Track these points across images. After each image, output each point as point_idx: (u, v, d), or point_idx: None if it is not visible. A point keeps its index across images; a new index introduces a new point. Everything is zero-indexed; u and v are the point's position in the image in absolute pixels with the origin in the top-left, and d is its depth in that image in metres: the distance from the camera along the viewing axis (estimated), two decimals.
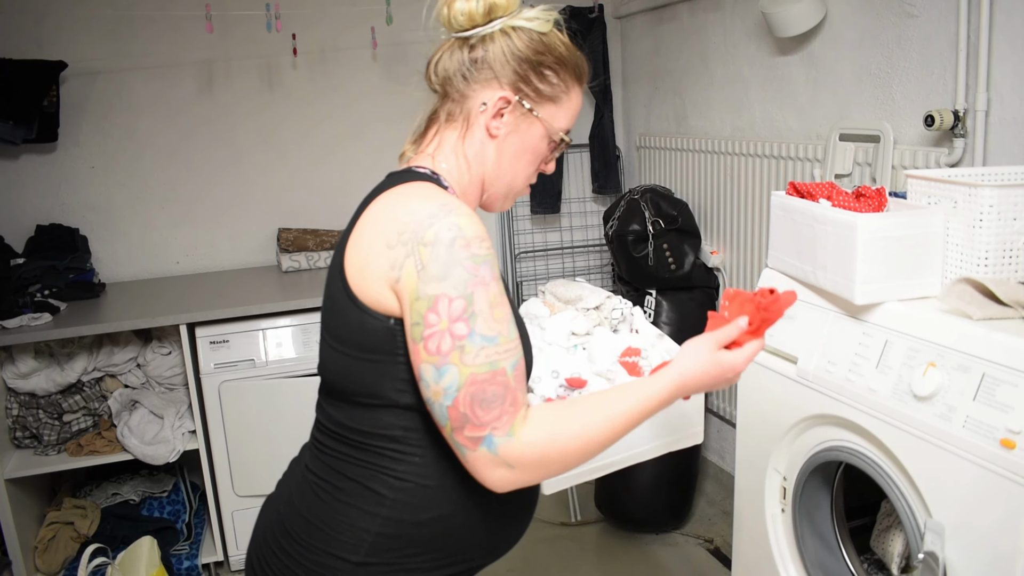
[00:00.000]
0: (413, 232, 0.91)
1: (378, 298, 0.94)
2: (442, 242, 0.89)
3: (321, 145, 3.04)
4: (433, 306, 0.88)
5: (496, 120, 1.04)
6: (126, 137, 2.84)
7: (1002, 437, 1.13)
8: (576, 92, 1.08)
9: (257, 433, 2.45)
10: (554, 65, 1.04)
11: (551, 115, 1.06)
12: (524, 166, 1.08)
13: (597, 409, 0.93)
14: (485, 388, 0.88)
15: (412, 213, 0.93)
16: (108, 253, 2.88)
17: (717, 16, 2.65)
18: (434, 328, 0.88)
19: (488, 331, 0.89)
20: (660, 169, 3.06)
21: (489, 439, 0.88)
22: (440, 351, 0.88)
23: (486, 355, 0.88)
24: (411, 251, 0.90)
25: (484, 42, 1.03)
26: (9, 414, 2.43)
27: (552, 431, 0.90)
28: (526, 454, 0.89)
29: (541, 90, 1.04)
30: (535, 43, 1.03)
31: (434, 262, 0.89)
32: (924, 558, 1.24)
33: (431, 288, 0.89)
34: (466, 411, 0.88)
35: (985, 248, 1.32)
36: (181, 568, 2.48)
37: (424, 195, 0.96)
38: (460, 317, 0.88)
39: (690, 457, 2.66)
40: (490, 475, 0.90)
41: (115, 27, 2.76)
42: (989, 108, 1.74)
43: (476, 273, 0.89)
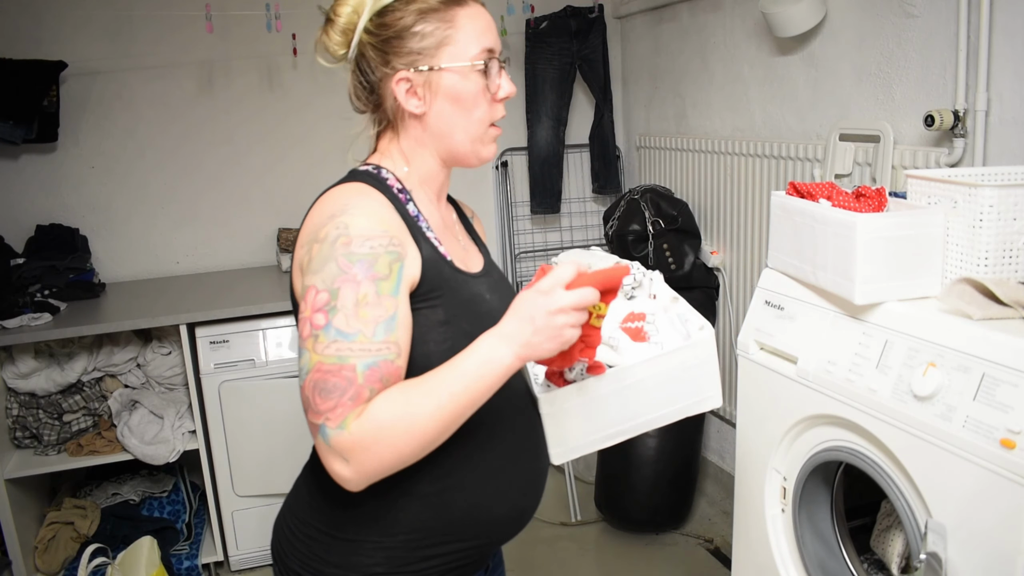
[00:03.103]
0: (313, 232, 0.97)
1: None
2: (327, 239, 0.94)
3: (321, 145, 3.04)
4: (305, 296, 0.93)
5: (412, 99, 1.05)
6: (126, 137, 2.84)
7: (1002, 437, 1.13)
8: (464, 15, 1.04)
9: (257, 433, 2.45)
10: (419, 16, 1.02)
11: (453, 56, 1.03)
12: (468, 112, 1.05)
13: (428, 389, 0.90)
14: (327, 378, 0.89)
15: (320, 214, 0.98)
16: (108, 253, 2.88)
17: (717, 16, 2.65)
18: (302, 315, 0.93)
19: (346, 327, 0.90)
20: (660, 169, 3.06)
21: (323, 428, 0.89)
22: (302, 336, 0.93)
23: (336, 348, 0.90)
24: (308, 249, 0.96)
25: (360, 53, 1.07)
26: (9, 414, 2.43)
27: (380, 420, 0.88)
28: (356, 445, 0.88)
29: (425, 46, 1.03)
30: (384, 18, 1.03)
31: (316, 257, 0.94)
32: (927, 559, 1.24)
33: (307, 279, 0.94)
34: (309, 395, 0.90)
35: (985, 248, 1.32)
36: (181, 568, 2.48)
37: (337, 195, 1.00)
38: (321, 308, 0.91)
39: (690, 457, 2.66)
40: (331, 466, 0.90)
41: (115, 27, 2.76)
42: (989, 108, 1.74)
43: (347, 270, 0.92)
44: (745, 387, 1.73)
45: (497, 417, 1.07)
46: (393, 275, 0.95)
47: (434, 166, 1.10)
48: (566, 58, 3.15)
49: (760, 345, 1.68)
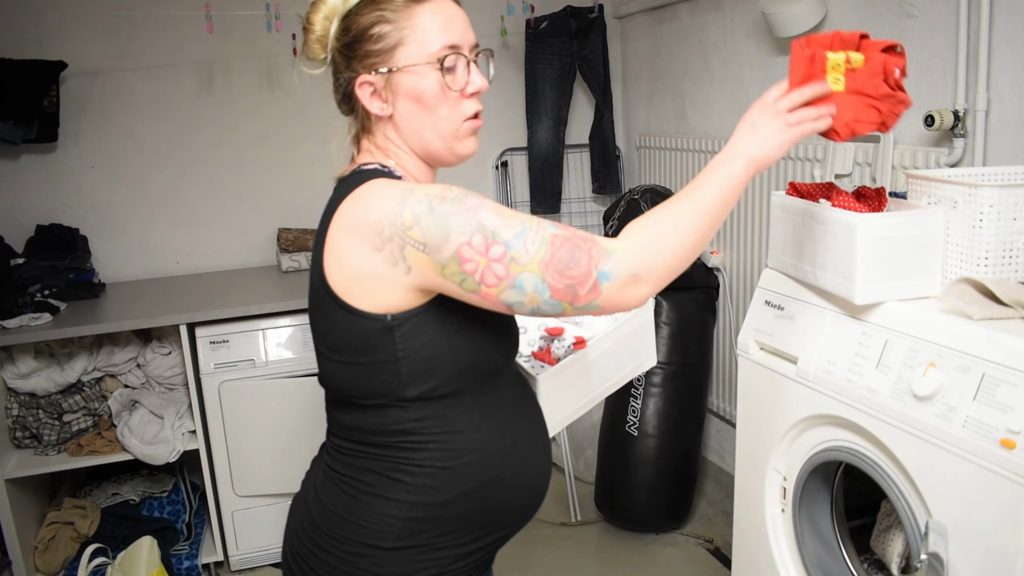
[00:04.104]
0: (392, 225, 0.92)
1: (376, 299, 0.95)
2: (421, 214, 0.91)
3: (321, 145, 3.01)
4: (460, 259, 0.90)
5: (376, 102, 1.04)
6: (126, 137, 2.84)
7: (1002, 437, 1.13)
8: (423, 12, 1.02)
9: (257, 433, 2.45)
10: (374, 19, 1.01)
11: (411, 55, 1.01)
12: (432, 111, 1.04)
13: (674, 197, 0.97)
14: (557, 256, 0.90)
15: (382, 209, 0.94)
16: (108, 253, 2.88)
17: (717, 16, 2.65)
18: (479, 269, 0.90)
19: (515, 229, 0.91)
20: (660, 169, 3.06)
21: (601, 274, 0.91)
22: (502, 277, 0.90)
23: (531, 241, 0.90)
24: (403, 241, 0.92)
25: (333, 60, 1.07)
26: (9, 414, 2.43)
27: (641, 225, 0.94)
28: (638, 255, 0.92)
29: (382, 48, 1.02)
30: (347, 20, 1.03)
31: (428, 232, 0.91)
32: (928, 559, 1.24)
33: (446, 249, 0.90)
34: (565, 284, 0.90)
35: (985, 248, 1.32)
36: (181, 568, 2.48)
37: (383, 188, 0.97)
38: (486, 246, 0.90)
39: (690, 457, 2.66)
40: (631, 296, 0.92)
41: (115, 27, 2.76)
42: (989, 108, 1.74)
43: (466, 207, 0.91)
44: (745, 387, 1.73)
45: (518, 404, 1.11)
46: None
47: (419, 165, 1.10)
48: (566, 58, 3.15)
49: (760, 345, 1.69)
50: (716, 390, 2.86)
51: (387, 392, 0.99)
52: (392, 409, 1.01)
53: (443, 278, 0.92)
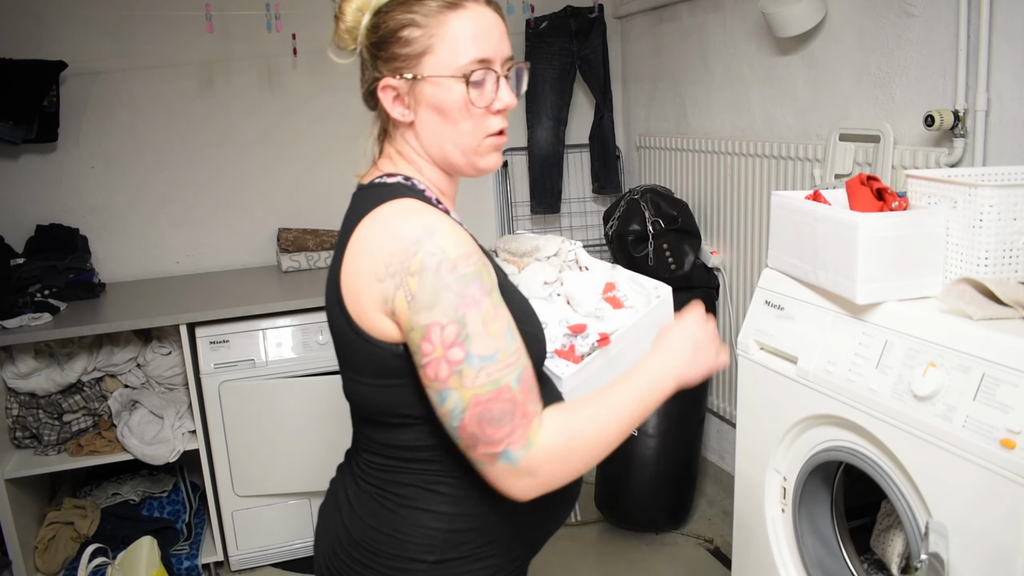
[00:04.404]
0: (400, 263, 0.89)
1: (381, 329, 0.93)
2: (428, 269, 0.88)
3: (321, 145, 3.04)
4: (426, 335, 0.87)
5: (398, 107, 1.00)
6: (126, 137, 2.84)
7: (1002, 437, 1.13)
8: (456, 20, 0.96)
9: (257, 433, 2.45)
10: (405, 20, 0.96)
11: (437, 65, 0.96)
12: (454, 124, 0.99)
13: (606, 403, 0.95)
14: (491, 407, 0.87)
15: (396, 241, 0.90)
16: (108, 253, 2.88)
17: (717, 16, 2.65)
18: (430, 356, 0.88)
19: (485, 350, 0.87)
20: (660, 169, 3.06)
21: (507, 453, 0.88)
22: (439, 377, 0.88)
23: (487, 375, 0.87)
24: (400, 283, 0.89)
25: (361, 53, 1.03)
26: (9, 414, 2.43)
27: (569, 432, 0.91)
28: (548, 459, 0.89)
29: (409, 53, 0.97)
30: (380, 17, 0.98)
31: (422, 291, 0.88)
32: (928, 559, 1.24)
33: (422, 318, 0.88)
34: (475, 431, 0.88)
35: (985, 248, 1.32)
36: (181, 568, 2.48)
37: (404, 216, 0.93)
38: (454, 342, 0.87)
39: (690, 457, 2.66)
40: (513, 486, 0.90)
41: (115, 27, 2.76)
42: (989, 108, 1.74)
43: (465, 294, 0.88)
44: (745, 387, 1.74)
45: (549, 386, 1.10)
46: (494, 283, 0.93)
47: (439, 175, 1.05)
48: (566, 58, 3.15)
49: (760, 345, 1.69)
50: (716, 390, 2.86)
51: (414, 413, 0.97)
52: (422, 427, 0.98)
53: (407, 336, 0.91)
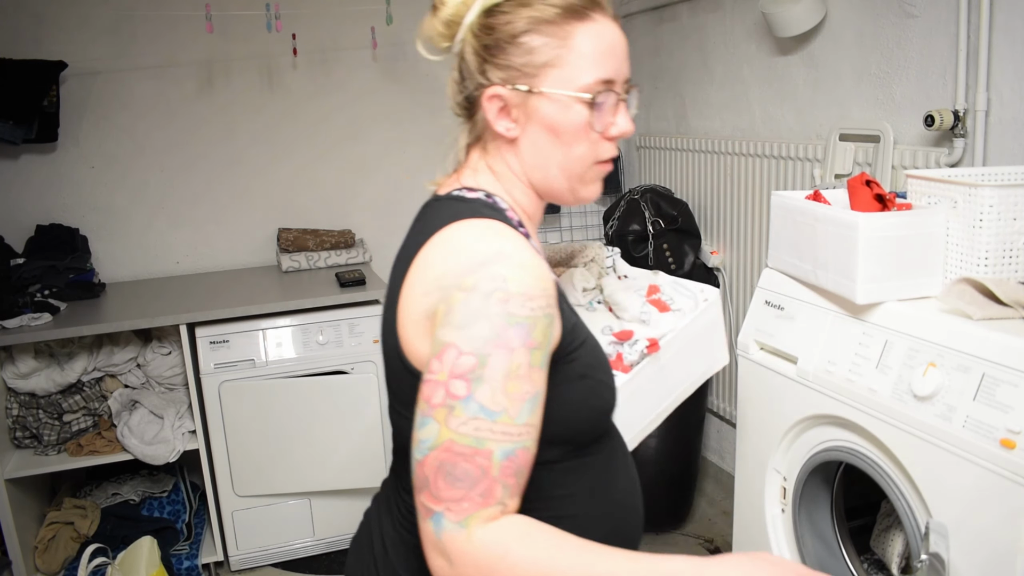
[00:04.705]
0: (455, 276, 0.79)
1: (423, 358, 0.82)
2: (479, 291, 0.77)
3: (321, 145, 3.04)
4: (440, 353, 0.77)
5: (504, 120, 0.90)
6: (126, 137, 2.84)
7: (1002, 437, 1.13)
8: (585, 32, 0.87)
9: (257, 433, 2.45)
10: (529, 26, 0.87)
11: (559, 80, 0.87)
12: (568, 148, 0.90)
13: (563, 550, 0.75)
14: (457, 461, 0.74)
15: (458, 257, 0.81)
16: (108, 253, 2.88)
17: (717, 16, 2.65)
18: (433, 376, 0.77)
19: (491, 404, 0.75)
20: (660, 169, 3.06)
21: (438, 518, 0.75)
22: (429, 401, 0.76)
23: (475, 428, 0.75)
24: (445, 296, 0.79)
25: (462, 51, 0.92)
26: (9, 414, 2.43)
27: (507, 546, 0.74)
28: (469, 555, 0.74)
29: (528, 63, 0.87)
30: (500, 18, 0.87)
31: (460, 309, 0.77)
32: (929, 560, 1.24)
33: (445, 334, 0.77)
34: (430, 475, 0.75)
35: (985, 248, 1.32)
36: (181, 568, 2.48)
37: (479, 237, 0.83)
38: (463, 375, 0.75)
39: (690, 457, 2.66)
40: (429, 555, 0.77)
41: (115, 27, 2.76)
42: (989, 108, 1.74)
43: (502, 334, 0.76)
44: (745, 387, 1.74)
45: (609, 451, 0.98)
46: (545, 343, 0.80)
47: (530, 197, 0.95)
48: None
49: (760, 345, 1.69)
50: (716, 390, 2.86)
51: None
52: None
53: (430, 349, 0.80)
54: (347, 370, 2.52)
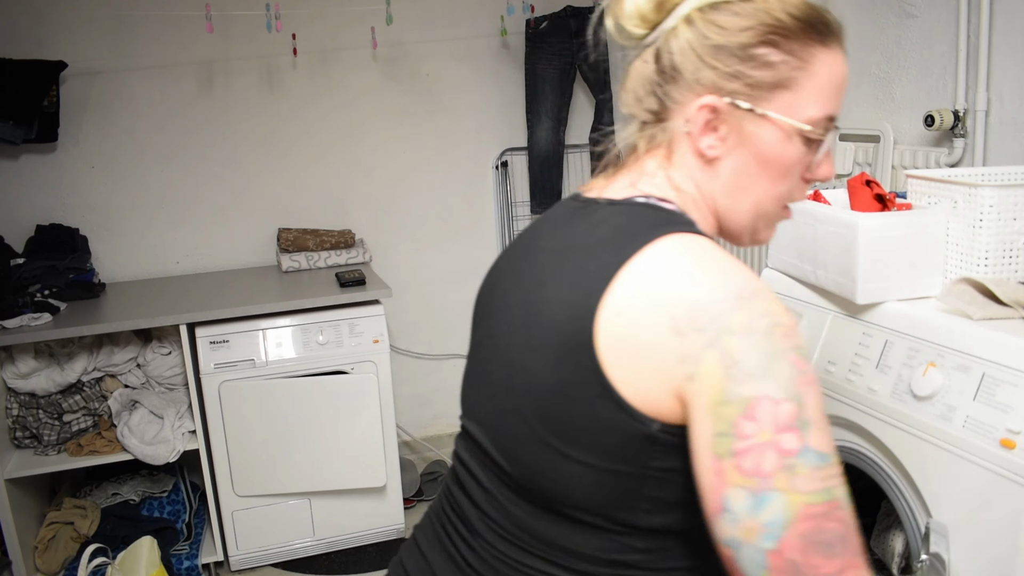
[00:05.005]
0: (715, 316, 0.67)
1: (645, 395, 0.69)
2: (757, 330, 0.66)
3: (321, 145, 3.04)
4: (750, 411, 0.64)
5: (709, 136, 0.78)
6: (126, 137, 2.84)
7: (1002, 437, 1.13)
8: (824, 59, 0.77)
9: (257, 433, 2.45)
10: (769, 36, 0.75)
11: (788, 105, 0.76)
12: (769, 184, 0.80)
13: None
14: (823, 525, 0.63)
15: (706, 289, 0.68)
16: (108, 253, 2.88)
17: None
18: (751, 440, 0.64)
19: (821, 446, 0.65)
20: None
21: None
22: (760, 471, 0.63)
23: (821, 478, 0.64)
24: (713, 340, 0.66)
25: (667, 42, 0.78)
26: (9, 414, 2.43)
27: None
28: None
29: (758, 79, 0.76)
30: (732, 17, 0.76)
31: (749, 355, 0.65)
32: (929, 560, 1.24)
33: (747, 388, 0.65)
34: (797, 558, 0.62)
35: (985, 248, 1.32)
36: (181, 568, 2.48)
37: (712, 260, 0.71)
38: (789, 426, 0.64)
39: None
40: None
41: (115, 27, 2.76)
42: (989, 108, 1.74)
43: (803, 370, 0.66)
44: None
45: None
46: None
47: (710, 225, 0.83)
48: (566, 58, 3.15)
49: None
50: None
51: (619, 515, 0.74)
52: (615, 535, 0.75)
53: (710, 411, 0.66)
54: (347, 370, 2.52)
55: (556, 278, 0.77)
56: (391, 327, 3.16)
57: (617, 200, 0.80)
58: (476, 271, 3.33)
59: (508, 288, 0.85)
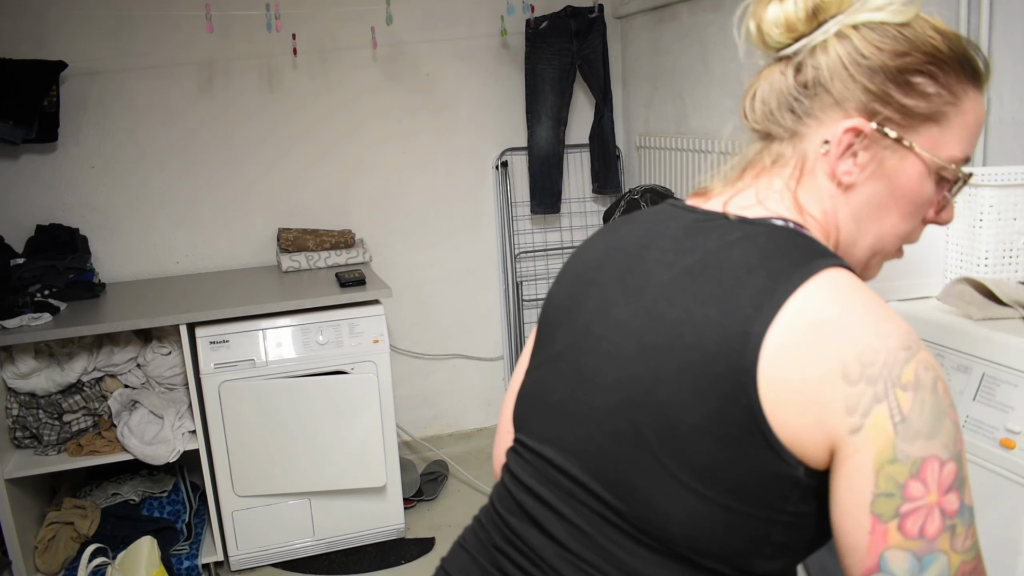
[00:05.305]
0: (886, 366, 0.64)
1: (800, 439, 0.66)
2: (924, 386, 0.64)
3: (321, 145, 3.04)
4: (919, 472, 0.63)
5: (847, 161, 0.74)
6: (126, 137, 2.84)
7: (1002, 437, 1.13)
8: (973, 98, 0.74)
9: (257, 433, 2.45)
10: (927, 66, 0.72)
11: (933, 141, 0.74)
12: (897, 220, 0.76)
13: None
14: None
15: (879, 337, 0.65)
16: (108, 253, 2.88)
17: (717, 16, 2.65)
18: (918, 502, 0.62)
19: (971, 501, 0.65)
20: (660, 169, 3.06)
21: None
22: (925, 534, 0.62)
23: (973, 535, 0.64)
24: (883, 393, 0.63)
25: (813, 56, 0.75)
26: (9, 414, 2.43)
27: None
28: None
29: (911, 107, 0.72)
30: (891, 40, 0.72)
31: (920, 412, 0.64)
32: None
33: (917, 448, 0.63)
34: None
35: (985, 248, 1.32)
36: (181, 568, 2.48)
37: (879, 304, 0.68)
38: (952, 486, 0.63)
39: None
40: None
41: (115, 27, 2.76)
42: (989, 108, 1.74)
43: (959, 425, 0.66)
44: None
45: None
46: None
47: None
48: (566, 58, 3.15)
49: None
50: None
51: (740, 560, 0.70)
52: None
53: (870, 467, 0.63)
54: (347, 370, 2.52)
55: (696, 298, 0.70)
56: (391, 327, 3.16)
57: (751, 219, 0.75)
58: (476, 271, 3.33)
59: (613, 300, 0.77)
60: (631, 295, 0.76)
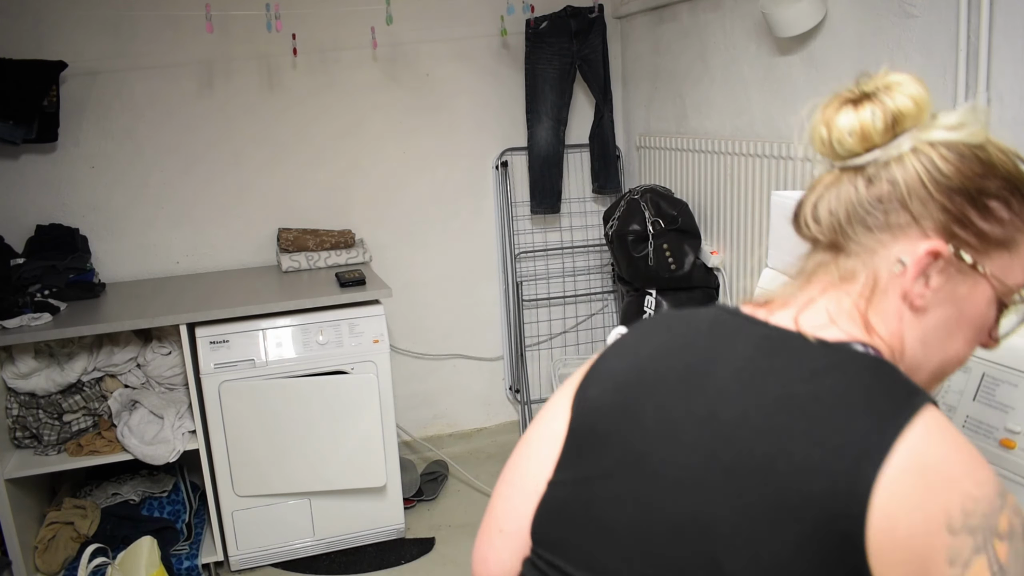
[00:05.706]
0: (984, 516, 0.62)
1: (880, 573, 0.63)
2: (1017, 534, 0.63)
3: (321, 145, 3.04)
4: None
5: (920, 283, 0.71)
6: (126, 137, 2.84)
7: (1002, 437, 1.13)
8: None
9: (257, 433, 2.45)
10: (1003, 191, 0.71)
11: (1004, 267, 0.72)
12: (962, 345, 0.75)
13: None
14: None
15: (978, 486, 0.63)
16: (108, 253, 2.88)
17: (717, 16, 2.65)
18: None
19: None
20: (660, 169, 3.06)
21: None
22: None
23: None
24: (983, 544, 0.62)
25: (888, 170, 0.72)
26: (9, 414, 2.43)
27: None
28: None
29: (987, 232, 0.70)
30: (969, 162, 0.70)
31: (1015, 561, 0.63)
32: None
33: None
34: None
35: None
36: (181, 568, 2.48)
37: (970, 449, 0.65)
38: None
39: None
40: None
41: (115, 27, 2.76)
42: (989, 108, 1.74)
43: None
44: None
45: None
46: None
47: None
48: (566, 58, 3.15)
49: None
50: None
51: None
52: None
53: None
54: (347, 370, 2.52)
55: (790, 433, 0.65)
56: (391, 327, 3.16)
57: (829, 342, 0.71)
58: (476, 271, 3.33)
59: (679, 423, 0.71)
60: (703, 420, 0.70)
